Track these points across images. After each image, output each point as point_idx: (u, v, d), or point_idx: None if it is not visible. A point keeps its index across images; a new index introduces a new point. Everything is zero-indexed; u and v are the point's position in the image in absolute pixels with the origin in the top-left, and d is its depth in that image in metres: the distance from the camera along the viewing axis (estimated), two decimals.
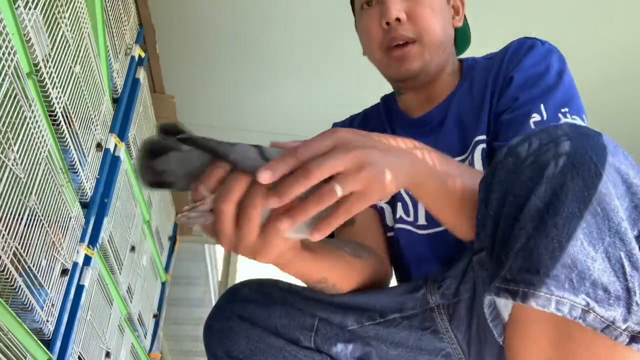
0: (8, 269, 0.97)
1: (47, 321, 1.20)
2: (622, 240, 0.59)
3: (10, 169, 0.96)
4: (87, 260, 1.41)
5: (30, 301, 1.09)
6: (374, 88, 1.27)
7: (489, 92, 1.00)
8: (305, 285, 0.88)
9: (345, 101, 2.92)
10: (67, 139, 1.26)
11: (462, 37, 1.14)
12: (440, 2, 1.02)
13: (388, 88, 1.17)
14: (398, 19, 0.98)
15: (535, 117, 0.90)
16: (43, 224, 1.13)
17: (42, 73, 1.10)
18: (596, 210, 0.60)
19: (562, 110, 0.91)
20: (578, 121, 0.89)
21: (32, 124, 1.05)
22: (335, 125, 1.19)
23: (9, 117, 0.96)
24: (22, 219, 1.03)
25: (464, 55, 1.14)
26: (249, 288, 0.93)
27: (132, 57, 1.81)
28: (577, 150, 0.62)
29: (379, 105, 1.19)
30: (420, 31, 0.99)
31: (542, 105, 0.91)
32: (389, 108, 1.15)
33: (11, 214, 0.98)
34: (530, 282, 0.59)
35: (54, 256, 1.23)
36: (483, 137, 0.95)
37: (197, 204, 0.62)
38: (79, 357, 1.39)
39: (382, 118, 1.14)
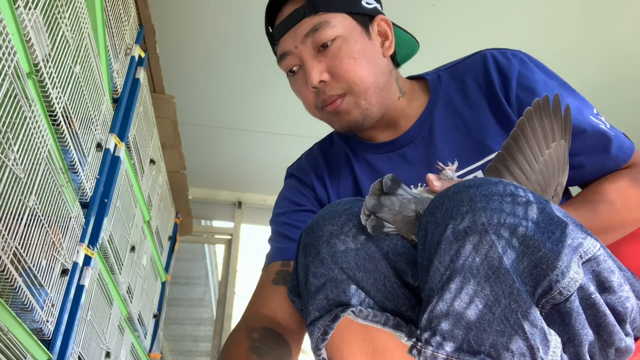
0: (8, 269, 0.97)
1: (47, 321, 1.20)
2: (517, 302, 0.63)
3: (10, 169, 0.96)
4: (87, 260, 1.41)
5: (30, 301, 1.09)
6: None
7: (485, 95, 1.01)
8: None
9: None
10: (67, 139, 1.26)
11: (405, 47, 1.11)
12: (360, 44, 0.99)
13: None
14: (323, 81, 0.99)
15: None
16: (43, 224, 1.13)
17: (42, 73, 1.10)
18: (488, 275, 0.64)
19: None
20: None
21: (32, 124, 1.04)
22: (290, 168, 1.19)
23: (9, 117, 0.96)
24: (22, 219, 1.03)
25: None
26: None
27: (132, 57, 1.81)
28: (471, 217, 0.66)
29: (332, 136, 1.17)
30: (348, 84, 0.98)
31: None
32: (347, 137, 1.13)
33: (11, 214, 0.98)
34: (431, 343, 0.64)
35: (54, 256, 1.23)
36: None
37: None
38: (79, 357, 1.39)
39: (341, 145, 1.11)
